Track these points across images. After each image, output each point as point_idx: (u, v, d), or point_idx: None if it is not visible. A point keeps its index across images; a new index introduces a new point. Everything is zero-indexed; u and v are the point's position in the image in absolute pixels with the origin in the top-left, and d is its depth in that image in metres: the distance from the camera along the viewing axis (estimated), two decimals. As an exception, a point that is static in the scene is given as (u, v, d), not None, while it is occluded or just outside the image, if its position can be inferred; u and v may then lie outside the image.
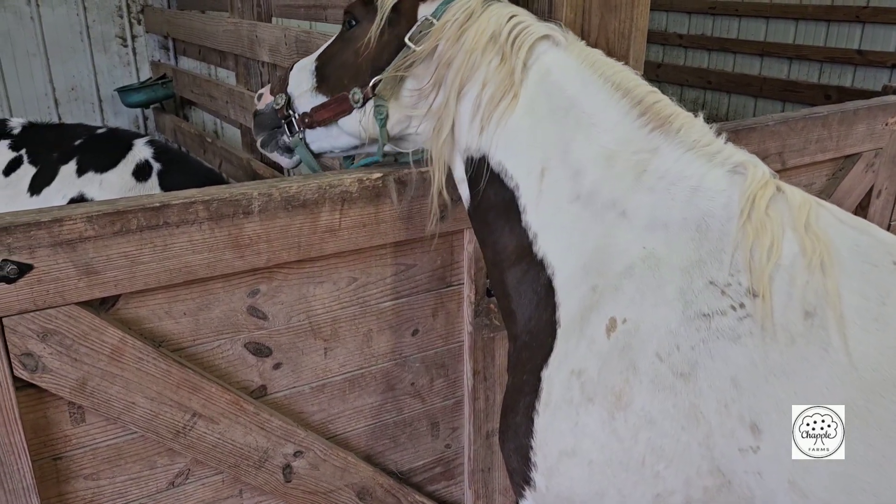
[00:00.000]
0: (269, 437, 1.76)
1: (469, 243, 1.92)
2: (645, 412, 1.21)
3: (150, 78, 5.81)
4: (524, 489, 1.42)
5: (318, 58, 1.74)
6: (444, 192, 1.56)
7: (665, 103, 1.35)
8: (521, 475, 1.42)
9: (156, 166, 2.97)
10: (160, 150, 3.05)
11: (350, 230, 1.73)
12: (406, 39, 1.52)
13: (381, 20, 1.56)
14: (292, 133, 1.76)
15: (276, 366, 1.78)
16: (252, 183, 1.65)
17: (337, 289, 1.80)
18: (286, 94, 1.76)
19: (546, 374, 1.35)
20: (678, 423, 1.18)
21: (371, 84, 1.58)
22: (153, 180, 2.92)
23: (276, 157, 1.86)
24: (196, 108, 5.91)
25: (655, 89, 1.38)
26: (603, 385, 1.26)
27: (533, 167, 1.42)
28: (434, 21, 1.50)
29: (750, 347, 1.13)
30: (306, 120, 1.72)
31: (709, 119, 1.39)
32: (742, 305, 1.15)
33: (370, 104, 1.60)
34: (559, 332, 1.35)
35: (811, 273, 1.13)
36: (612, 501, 1.26)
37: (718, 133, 1.34)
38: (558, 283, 1.38)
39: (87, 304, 1.47)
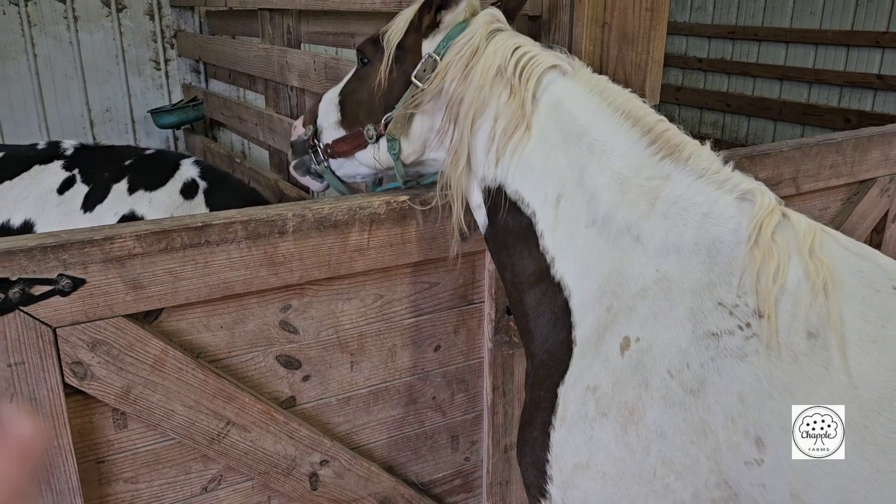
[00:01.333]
0: (298, 446, 1.84)
1: (490, 263, 2.00)
2: (656, 426, 1.27)
3: (182, 100, 6.00)
4: (540, 502, 1.48)
5: (340, 92, 1.85)
6: (462, 221, 1.65)
7: (673, 132, 1.42)
8: (537, 488, 1.48)
9: (202, 185, 3.10)
10: (205, 170, 3.19)
11: (377, 250, 1.82)
12: (412, 77, 1.61)
13: (388, 60, 1.65)
14: (318, 162, 1.89)
15: (305, 378, 1.87)
16: (287, 204, 1.75)
17: (364, 305, 1.89)
18: (315, 125, 1.89)
19: (562, 390, 1.41)
20: (688, 436, 1.24)
21: (383, 121, 1.68)
22: (199, 198, 3.06)
23: (307, 181, 2.00)
24: (225, 129, 6.09)
25: (663, 118, 1.45)
26: (617, 400, 1.32)
27: (549, 194, 1.48)
28: (437, 58, 1.57)
29: (756, 365, 1.19)
30: (328, 151, 1.85)
31: (728, 143, 1.46)
32: (749, 325, 1.22)
33: (383, 140, 1.70)
34: (575, 350, 1.42)
35: (814, 296, 1.19)
36: None
37: (726, 161, 1.41)
38: (574, 304, 1.45)
39: (133, 317, 1.57)
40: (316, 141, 1.88)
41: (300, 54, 3.69)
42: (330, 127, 1.85)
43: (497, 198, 1.57)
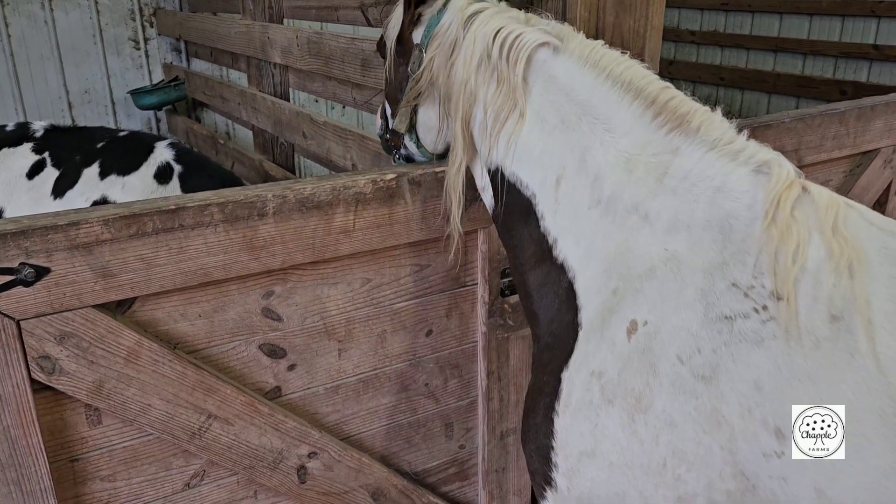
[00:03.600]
0: (284, 439, 1.76)
1: (483, 243, 1.91)
2: (666, 415, 1.19)
3: (163, 80, 5.83)
4: (545, 489, 1.42)
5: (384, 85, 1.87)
6: (459, 223, 1.62)
7: (680, 99, 1.32)
8: (542, 475, 1.41)
9: (177, 168, 2.98)
10: (181, 153, 3.06)
11: (364, 231, 1.72)
12: (409, 70, 1.61)
13: (390, 55, 1.68)
14: (395, 156, 1.90)
15: (291, 367, 1.78)
16: (267, 185, 1.65)
17: (351, 290, 1.80)
18: (385, 118, 1.90)
19: (566, 375, 1.34)
20: (699, 426, 1.16)
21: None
22: (174, 182, 2.93)
23: None
24: (208, 109, 5.93)
25: (668, 84, 1.35)
26: (623, 387, 1.25)
27: (548, 177, 1.42)
28: (423, 50, 1.56)
29: (773, 351, 1.11)
30: (392, 144, 1.86)
31: (723, 116, 1.36)
32: (765, 308, 1.13)
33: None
34: (580, 334, 1.35)
35: (838, 276, 1.10)
36: (633, 503, 1.25)
37: (740, 129, 1.31)
38: (579, 287, 1.37)
39: (103, 307, 1.48)
40: (388, 136, 1.88)
41: (282, 29, 3.56)
42: (388, 120, 1.86)
43: (496, 179, 1.53)
